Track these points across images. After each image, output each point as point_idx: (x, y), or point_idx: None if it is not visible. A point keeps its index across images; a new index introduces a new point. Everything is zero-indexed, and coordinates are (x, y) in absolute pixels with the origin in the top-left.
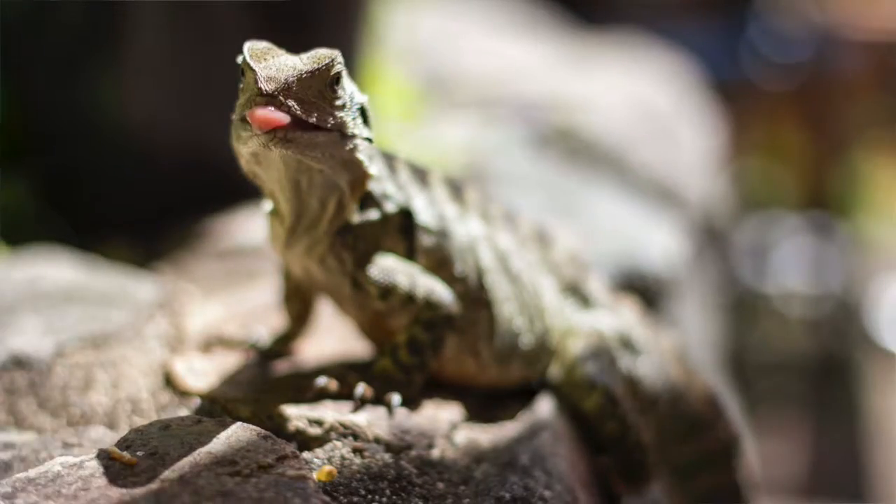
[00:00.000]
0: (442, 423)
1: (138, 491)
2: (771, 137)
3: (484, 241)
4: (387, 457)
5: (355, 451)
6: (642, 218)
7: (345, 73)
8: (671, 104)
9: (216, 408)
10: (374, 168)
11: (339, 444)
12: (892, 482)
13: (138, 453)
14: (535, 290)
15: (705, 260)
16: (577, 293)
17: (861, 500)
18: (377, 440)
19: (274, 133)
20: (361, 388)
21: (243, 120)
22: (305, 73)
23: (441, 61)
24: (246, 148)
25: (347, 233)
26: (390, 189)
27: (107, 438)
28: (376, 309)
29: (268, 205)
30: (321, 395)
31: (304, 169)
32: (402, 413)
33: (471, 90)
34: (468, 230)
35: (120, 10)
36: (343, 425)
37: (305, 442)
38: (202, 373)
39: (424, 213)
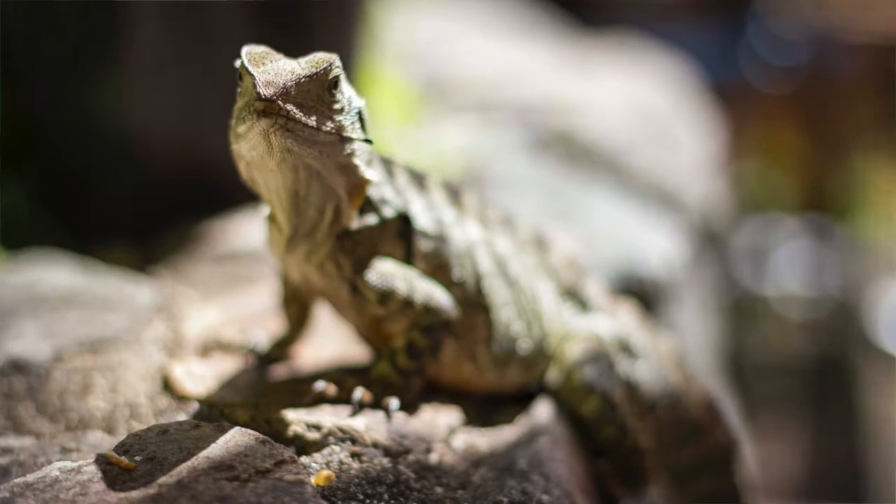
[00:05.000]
0: (440, 427)
1: (136, 496)
2: (769, 140)
3: (482, 246)
4: (385, 461)
5: (353, 455)
6: (641, 221)
7: (343, 77)
8: (670, 107)
9: (214, 412)
10: (372, 173)
11: (337, 448)
12: (891, 484)
13: (136, 458)
14: (533, 295)
15: (704, 263)
16: (575, 297)
17: (860, 503)
18: (375, 444)
19: (275, 120)
20: (360, 393)
21: (243, 120)
22: (304, 77)
23: (439, 64)
24: (245, 142)
25: (346, 238)
26: (388, 194)
27: (105, 443)
28: (375, 314)
29: (266, 209)
30: (319, 400)
31: (303, 176)
32: (400, 417)
33: (469, 93)
34: (466, 235)
35: (119, 14)
36: (341, 430)
37: (304, 446)
38: (200, 377)
39: (422, 218)
